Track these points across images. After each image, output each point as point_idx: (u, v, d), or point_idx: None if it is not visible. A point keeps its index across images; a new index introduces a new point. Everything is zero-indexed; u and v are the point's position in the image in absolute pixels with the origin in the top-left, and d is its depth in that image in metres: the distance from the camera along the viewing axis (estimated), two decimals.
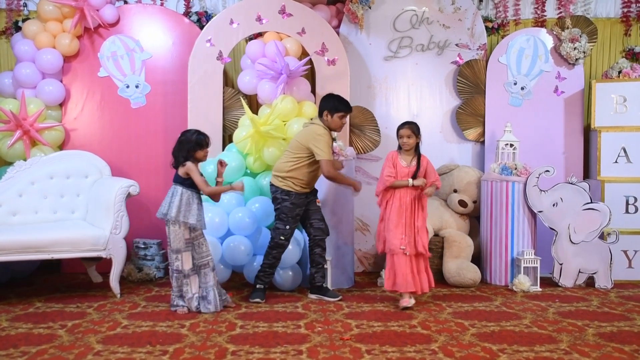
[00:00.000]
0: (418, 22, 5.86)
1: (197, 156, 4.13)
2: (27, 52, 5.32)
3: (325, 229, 4.60)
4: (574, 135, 5.78)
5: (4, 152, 5.17)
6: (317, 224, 4.56)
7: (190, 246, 4.15)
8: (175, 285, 4.16)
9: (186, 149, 4.09)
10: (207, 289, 4.16)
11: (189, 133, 4.17)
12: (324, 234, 4.59)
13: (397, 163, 4.39)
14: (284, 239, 4.46)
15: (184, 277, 4.14)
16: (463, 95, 5.84)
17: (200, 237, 4.19)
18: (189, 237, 4.13)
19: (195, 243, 4.17)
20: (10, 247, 4.22)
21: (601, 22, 6.02)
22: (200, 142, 4.12)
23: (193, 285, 4.15)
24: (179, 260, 4.11)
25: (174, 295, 4.19)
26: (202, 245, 4.19)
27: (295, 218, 4.50)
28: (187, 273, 4.14)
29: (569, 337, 3.65)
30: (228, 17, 5.40)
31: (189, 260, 4.14)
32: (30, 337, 3.56)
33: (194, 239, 4.16)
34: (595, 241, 5.03)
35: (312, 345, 3.44)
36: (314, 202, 4.59)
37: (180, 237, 4.09)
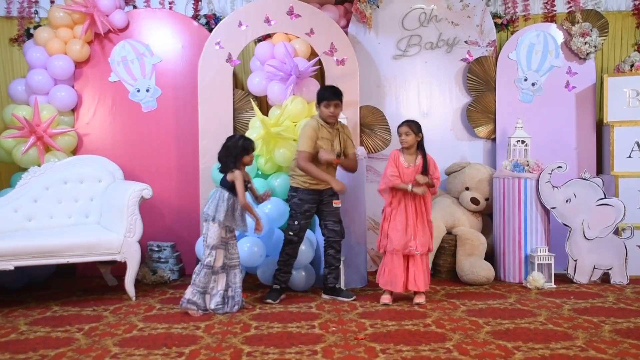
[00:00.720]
0: (426, 20, 5.84)
1: (245, 161, 4.23)
2: (39, 59, 5.37)
3: (339, 232, 4.56)
4: (586, 131, 5.75)
5: (18, 158, 5.22)
6: (331, 226, 4.54)
7: (224, 245, 4.20)
8: (202, 281, 4.16)
9: (234, 154, 4.18)
10: (235, 289, 4.23)
11: (234, 138, 4.27)
12: (337, 236, 4.55)
13: (399, 163, 4.40)
14: (293, 234, 4.47)
15: (212, 273, 4.18)
16: (473, 92, 5.82)
17: (233, 239, 4.27)
18: (225, 236, 4.20)
19: (229, 244, 4.24)
20: (27, 252, 4.27)
21: (612, 16, 5.97)
22: (247, 147, 4.23)
23: (220, 282, 4.20)
24: (212, 256, 4.16)
25: (195, 291, 4.15)
26: (234, 246, 4.27)
27: (305, 214, 4.48)
28: (216, 270, 4.18)
29: (585, 333, 3.63)
30: (236, 19, 5.43)
31: (221, 258, 4.20)
32: (48, 340, 3.60)
33: (228, 239, 4.23)
34: (609, 237, 4.99)
35: (327, 345, 3.45)
36: (331, 202, 4.54)
37: (218, 235, 4.15)
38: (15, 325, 3.92)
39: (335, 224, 4.55)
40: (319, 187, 4.49)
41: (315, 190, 4.50)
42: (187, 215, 5.50)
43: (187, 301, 4.16)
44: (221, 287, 4.20)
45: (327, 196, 4.53)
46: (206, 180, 5.27)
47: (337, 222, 4.56)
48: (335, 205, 4.54)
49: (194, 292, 4.17)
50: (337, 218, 4.56)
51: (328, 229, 4.55)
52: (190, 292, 4.17)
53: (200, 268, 4.18)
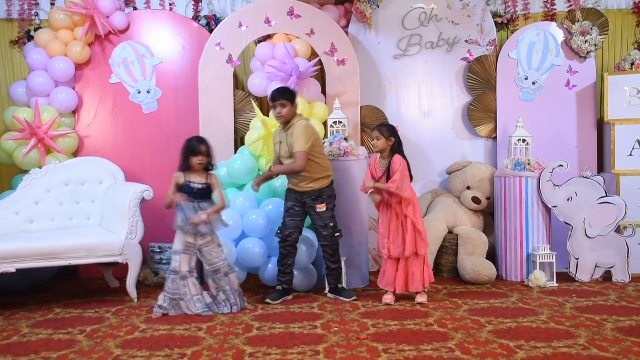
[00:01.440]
0: (427, 19, 5.84)
1: (191, 163, 4.19)
2: (40, 61, 5.37)
3: (327, 236, 4.49)
4: (587, 129, 5.74)
5: (19, 160, 5.23)
6: (319, 230, 4.52)
7: (191, 251, 4.21)
8: (171, 287, 4.17)
9: (184, 154, 4.21)
10: (226, 292, 4.23)
11: (190, 139, 4.26)
12: (325, 240, 4.51)
13: (375, 167, 4.44)
14: (279, 232, 4.51)
15: (180, 278, 4.18)
16: (474, 91, 5.82)
17: (209, 244, 4.23)
18: (193, 242, 4.19)
19: (203, 250, 4.22)
20: (28, 254, 4.27)
21: (612, 14, 5.97)
22: (192, 148, 4.18)
23: (192, 287, 4.19)
24: (177, 261, 4.19)
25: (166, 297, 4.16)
26: (212, 252, 4.24)
27: (288, 212, 4.49)
28: (184, 274, 4.18)
29: (587, 332, 3.62)
30: (237, 20, 5.43)
31: (186, 263, 4.19)
32: (50, 342, 3.60)
33: (202, 246, 4.21)
34: (611, 235, 4.99)
35: (329, 345, 3.45)
36: (314, 207, 4.46)
37: (181, 240, 4.19)
38: (17, 328, 3.92)
39: (323, 228, 4.49)
40: (295, 188, 4.48)
41: (293, 190, 4.50)
42: None
43: (157, 306, 4.16)
44: (196, 291, 4.19)
45: (309, 200, 4.45)
46: None
47: (324, 227, 4.49)
48: (318, 209, 4.46)
49: (165, 298, 4.18)
50: (322, 223, 4.49)
51: (317, 233, 4.57)
52: (161, 298, 4.19)
53: (167, 274, 4.22)
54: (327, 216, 4.49)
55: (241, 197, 4.90)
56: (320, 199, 4.46)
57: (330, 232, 4.49)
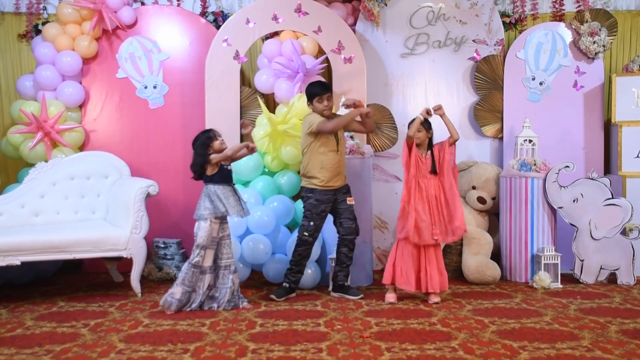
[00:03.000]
0: (434, 18, 5.83)
1: (215, 148, 4.18)
2: (47, 55, 5.39)
3: (354, 229, 4.52)
4: (594, 130, 5.71)
5: (25, 154, 5.24)
6: (346, 223, 4.51)
7: (214, 245, 4.19)
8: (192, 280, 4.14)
9: (202, 149, 4.16)
10: (221, 289, 4.22)
11: (198, 136, 4.24)
12: (352, 234, 4.52)
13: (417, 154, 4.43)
14: (308, 234, 4.45)
15: (201, 272, 4.17)
16: (481, 91, 5.80)
17: (226, 238, 4.25)
18: (216, 236, 4.17)
19: (221, 244, 4.22)
20: (34, 247, 4.29)
21: (621, 15, 5.93)
22: (210, 135, 4.20)
23: (206, 282, 4.19)
24: (200, 256, 4.15)
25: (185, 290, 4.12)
26: (228, 247, 4.25)
27: (320, 215, 4.46)
28: (204, 269, 4.18)
29: (591, 334, 3.61)
30: (244, 16, 5.42)
31: (210, 258, 4.18)
32: (54, 335, 3.61)
33: (221, 239, 4.21)
34: (617, 237, 4.97)
35: (332, 343, 3.45)
36: (345, 200, 4.50)
37: (208, 234, 4.13)
38: (22, 320, 3.94)
39: (350, 221, 4.51)
40: (334, 185, 4.46)
41: (331, 190, 4.46)
42: (193, 212, 5.47)
43: (177, 301, 4.09)
44: (206, 287, 4.19)
45: (341, 194, 4.50)
46: None
47: (352, 220, 4.52)
48: (349, 202, 4.51)
49: (185, 292, 4.13)
50: (352, 215, 4.52)
51: (343, 227, 4.52)
52: (180, 292, 4.11)
53: (188, 267, 4.15)
54: (353, 209, 4.55)
55: (246, 194, 4.89)
56: (349, 193, 4.54)
57: (357, 224, 4.54)
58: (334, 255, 4.65)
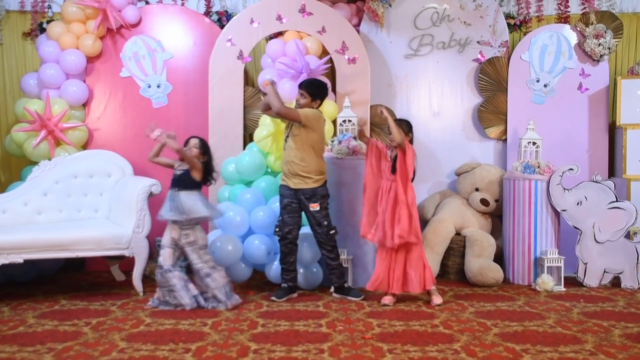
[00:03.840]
0: (439, 19, 5.82)
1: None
2: (52, 53, 5.39)
3: (321, 234, 4.48)
4: (598, 133, 5.70)
5: (29, 151, 5.25)
6: (313, 228, 4.51)
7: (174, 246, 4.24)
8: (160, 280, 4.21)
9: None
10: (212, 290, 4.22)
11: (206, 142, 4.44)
12: (321, 238, 4.50)
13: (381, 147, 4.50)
14: (278, 229, 4.49)
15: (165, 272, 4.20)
16: (485, 93, 5.79)
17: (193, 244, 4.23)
18: (177, 238, 4.22)
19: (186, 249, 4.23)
20: (36, 245, 4.29)
21: (627, 17, 5.91)
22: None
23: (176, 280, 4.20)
24: (162, 255, 4.23)
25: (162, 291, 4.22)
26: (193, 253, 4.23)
27: (286, 209, 4.47)
28: (167, 268, 4.21)
29: (595, 337, 3.59)
30: (248, 16, 5.42)
31: (170, 257, 4.23)
32: (56, 334, 3.61)
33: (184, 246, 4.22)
34: (621, 240, 4.95)
35: (334, 344, 3.44)
36: (308, 206, 4.45)
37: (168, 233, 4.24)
38: (24, 318, 3.94)
39: (317, 226, 4.48)
40: (290, 185, 4.45)
41: (286, 187, 4.48)
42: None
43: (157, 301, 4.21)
44: (180, 283, 4.19)
45: (303, 198, 4.45)
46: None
47: (318, 226, 4.48)
48: (312, 209, 4.45)
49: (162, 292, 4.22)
50: (316, 221, 4.48)
51: (313, 231, 4.55)
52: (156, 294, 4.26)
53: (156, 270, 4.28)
54: (321, 215, 4.47)
55: (248, 193, 4.89)
56: (314, 199, 4.45)
57: (325, 230, 4.49)
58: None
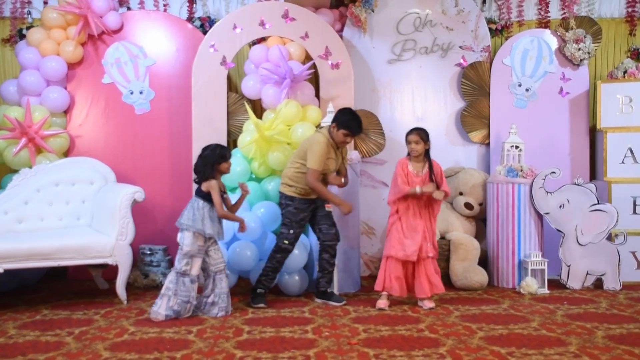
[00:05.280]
0: (421, 24, 5.85)
1: (222, 169, 4.22)
2: (32, 60, 5.33)
3: (334, 235, 4.53)
4: (579, 136, 5.76)
5: (9, 159, 5.18)
6: (325, 230, 4.51)
7: (202, 253, 4.17)
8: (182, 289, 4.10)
9: (211, 162, 4.17)
10: (220, 294, 4.20)
11: (211, 147, 4.25)
12: (333, 240, 4.52)
13: (408, 172, 4.39)
14: (288, 243, 4.45)
15: (191, 281, 4.14)
16: (467, 97, 5.83)
17: (214, 244, 4.24)
18: (203, 245, 4.16)
19: (210, 249, 4.21)
20: (17, 254, 4.22)
21: (605, 22, 6.00)
22: (224, 155, 4.23)
23: (196, 290, 4.18)
24: (188, 265, 4.13)
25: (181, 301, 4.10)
26: (217, 251, 4.24)
27: (300, 223, 4.47)
28: (194, 278, 4.15)
29: (578, 339, 3.62)
30: (231, 22, 5.41)
31: (198, 266, 4.17)
32: (37, 344, 3.56)
33: (208, 246, 4.21)
34: (602, 242, 5.00)
35: (320, 350, 3.43)
36: (323, 207, 4.52)
37: (194, 242, 4.12)
38: (4, 329, 3.87)
39: (330, 227, 4.52)
40: (312, 196, 4.47)
41: (310, 199, 4.47)
42: None
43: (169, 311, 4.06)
44: (196, 294, 4.18)
45: (320, 202, 4.52)
46: None
47: (331, 226, 4.53)
48: (327, 209, 4.53)
49: (178, 302, 4.09)
50: (330, 221, 4.54)
51: (323, 233, 4.52)
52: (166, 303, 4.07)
53: (176, 277, 4.12)
54: (332, 215, 4.55)
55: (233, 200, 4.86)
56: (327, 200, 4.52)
57: (337, 230, 4.54)
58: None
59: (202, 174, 4.18)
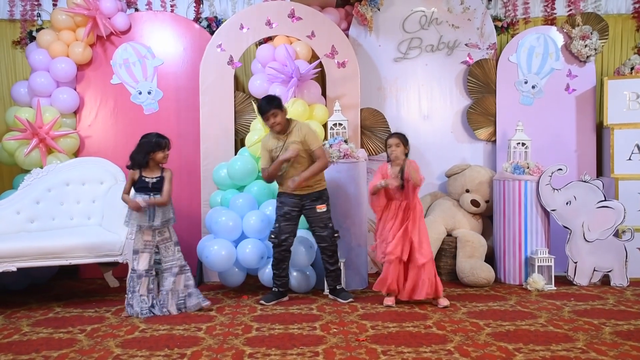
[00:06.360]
0: (427, 22, 5.87)
1: (157, 158, 4.24)
2: (42, 62, 5.39)
3: (326, 237, 4.50)
4: (586, 133, 5.76)
5: (21, 160, 5.24)
6: (318, 232, 4.52)
7: (149, 249, 4.23)
8: (131, 285, 4.20)
9: (145, 150, 4.20)
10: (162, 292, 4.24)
11: (149, 136, 4.28)
12: (324, 242, 4.52)
13: (386, 175, 4.40)
14: (274, 237, 4.48)
15: (137, 277, 4.20)
16: (474, 95, 5.84)
17: (168, 241, 4.27)
18: (150, 239, 4.22)
19: (161, 247, 4.26)
20: (29, 253, 4.29)
21: (612, 19, 5.99)
22: (160, 144, 4.24)
23: (142, 286, 4.20)
24: (135, 260, 4.21)
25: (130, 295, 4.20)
26: (168, 249, 4.27)
27: (285, 217, 4.46)
28: (140, 273, 4.20)
29: (586, 335, 3.64)
30: (238, 22, 5.45)
31: (145, 261, 4.22)
32: (51, 341, 3.61)
33: (159, 242, 4.25)
34: (610, 239, 5.00)
35: (328, 346, 3.46)
36: (314, 209, 4.48)
37: (138, 238, 4.21)
38: (18, 327, 3.94)
39: (322, 229, 4.50)
40: (296, 191, 4.44)
41: (291, 194, 4.47)
42: (188, 217, 5.51)
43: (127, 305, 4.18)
44: (143, 291, 4.20)
45: (308, 201, 4.47)
46: (208, 182, 5.30)
47: (324, 228, 4.50)
48: (319, 210, 4.48)
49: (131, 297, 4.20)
50: (322, 224, 4.50)
51: (316, 235, 4.56)
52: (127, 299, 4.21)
53: (129, 274, 4.25)
54: (327, 217, 4.51)
55: (241, 198, 4.91)
56: (321, 200, 4.49)
57: (330, 232, 4.51)
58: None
59: (134, 161, 4.22)
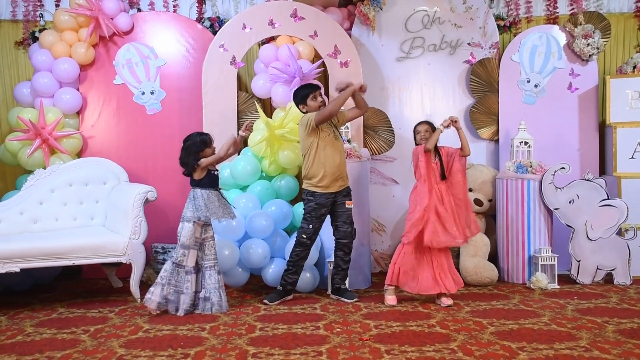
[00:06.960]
0: (430, 22, 5.86)
1: (206, 155, 4.25)
2: (44, 62, 5.40)
3: (349, 233, 4.53)
4: (589, 132, 5.76)
5: (24, 160, 5.25)
6: (342, 227, 4.52)
7: (197, 246, 4.24)
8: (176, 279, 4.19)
9: (194, 151, 4.22)
10: (212, 290, 4.24)
11: (192, 136, 4.30)
12: (347, 238, 4.53)
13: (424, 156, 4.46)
14: (306, 237, 4.46)
15: (186, 273, 4.20)
16: (476, 94, 5.84)
17: (210, 239, 4.29)
18: (199, 237, 4.23)
19: (205, 245, 4.27)
20: (32, 254, 4.29)
21: (614, 17, 5.98)
22: (205, 141, 4.26)
23: (193, 283, 4.22)
24: (184, 255, 4.20)
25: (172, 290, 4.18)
26: (211, 248, 4.30)
27: (320, 218, 4.47)
28: (189, 269, 4.21)
29: (589, 334, 3.64)
30: (240, 22, 5.45)
31: (194, 258, 4.23)
32: (54, 342, 3.62)
33: (204, 240, 4.26)
34: (612, 237, 5.00)
35: (332, 346, 3.47)
36: (344, 203, 4.51)
37: (192, 234, 4.19)
38: (22, 327, 3.95)
39: (346, 224, 4.52)
40: (334, 189, 4.46)
41: (331, 193, 4.46)
42: None
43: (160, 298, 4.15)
44: (193, 289, 4.22)
45: (340, 197, 4.51)
46: None
47: (348, 223, 4.53)
48: (347, 206, 4.52)
49: (170, 290, 4.18)
50: (348, 219, 4.54)
51: (339, 231, 4.54)
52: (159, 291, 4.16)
53: (172, 267, 4.21)
54: (351, 213, 4.56)
55: (244, 198, 4.92)
56: (349, 196, 4.55)
57: (353, 229, 4.55)
58: (332, 259, 4.67)
59: (187, 165, 4.24)
